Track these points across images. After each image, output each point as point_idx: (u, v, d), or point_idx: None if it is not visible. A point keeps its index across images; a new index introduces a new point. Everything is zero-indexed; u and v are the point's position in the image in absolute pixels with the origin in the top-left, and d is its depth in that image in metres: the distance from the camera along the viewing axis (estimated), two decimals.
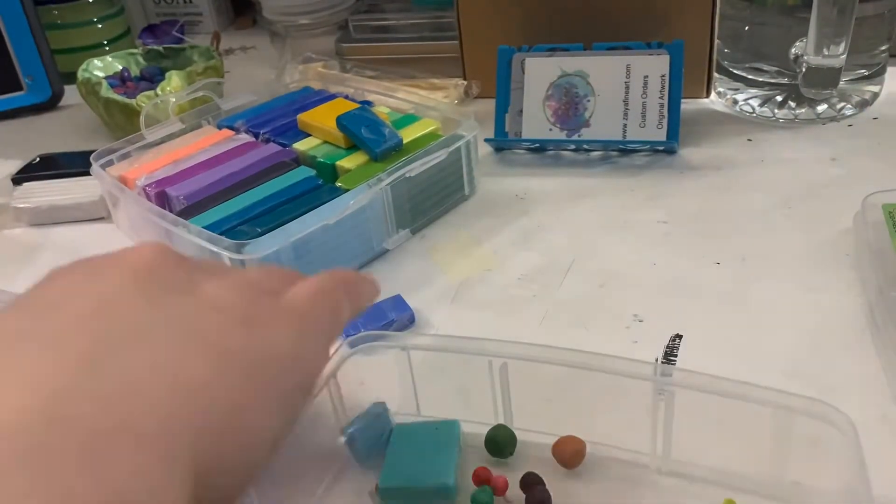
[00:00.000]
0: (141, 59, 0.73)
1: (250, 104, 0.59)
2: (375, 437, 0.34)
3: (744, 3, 0.58)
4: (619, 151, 0.57)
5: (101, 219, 0.56)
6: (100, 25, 0.83)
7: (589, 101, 0.56)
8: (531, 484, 0.31)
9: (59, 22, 0.81)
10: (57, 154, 0.64)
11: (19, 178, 0.60)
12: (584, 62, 0.57)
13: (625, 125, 0.56)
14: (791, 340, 0.39)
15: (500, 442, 0.33)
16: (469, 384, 0.35)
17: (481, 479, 0.32)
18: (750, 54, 0.60)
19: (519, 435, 0.34)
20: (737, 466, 0.31)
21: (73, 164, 0.61)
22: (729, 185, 0.52)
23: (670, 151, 0.56)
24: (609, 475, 0.33)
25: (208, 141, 0.54)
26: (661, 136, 0.55)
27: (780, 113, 0.60)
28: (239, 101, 0.59)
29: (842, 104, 0.59)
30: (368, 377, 0.36)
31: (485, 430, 0.34)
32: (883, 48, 0.59)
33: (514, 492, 0.32)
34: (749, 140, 0.58)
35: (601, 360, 0.31)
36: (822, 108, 0.59)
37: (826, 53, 0.53)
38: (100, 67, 0.70)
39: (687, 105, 0.57)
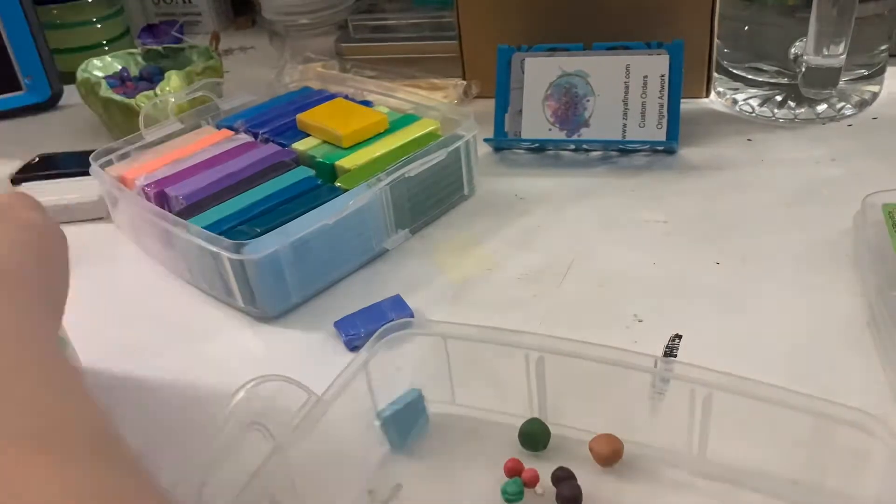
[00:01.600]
0: (140, 59, 0.73)
1: (249, 104, 0.59)
2: (410, 422, 0.34)
3: (744, 3, 0.58)
4: (619, 151, 0.57)
5: (100, 219, 0.56)
6: (99, 25, 0.83)
7: (588, 101, 0.56)
8: (562, 478, 0.31)
9: (58, 22, 0.81)
10: (56, 154, 0.64)
11: (18, 179, 0.60)
12: (584, 62, 0.57)
13: (624, 125, 0.56)
14: (791, 340, 0.39)
15: (534, 435, 0.33)
16: (505, 376, 0.35)
17: (513, 470, 0.32)
18: (750, 54, 0.60)
19: (553, 430, 0.34)
20: (774, 471, 0.31)
21: (72, 164, 0.61)
22: (729, 185, 0.52)
23: (670, 151, 0.56)
24: (641, 474, 0.33)
25: (208, 141, 0.54)
26: (660, 136, 0.55)
27: (779, 113, 0.60)
28: (238, 101, 0.59)
29: (842, 104, 0.59)
30: (405, 364, 0.35)
31: (519, 423, 0.34)
32: (883, 48, 0.59)
33: (546, 486, 0.32)
34: (749, 140, 0.58)
35: (639, 359, 0.31)
36: (821, 108, 0.59)
37: (826, 53, 0.53)
38: (99, 67, 0.70)
39: (687, 105, 0.57)
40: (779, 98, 0.59)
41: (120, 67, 0.72)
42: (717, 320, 0.40)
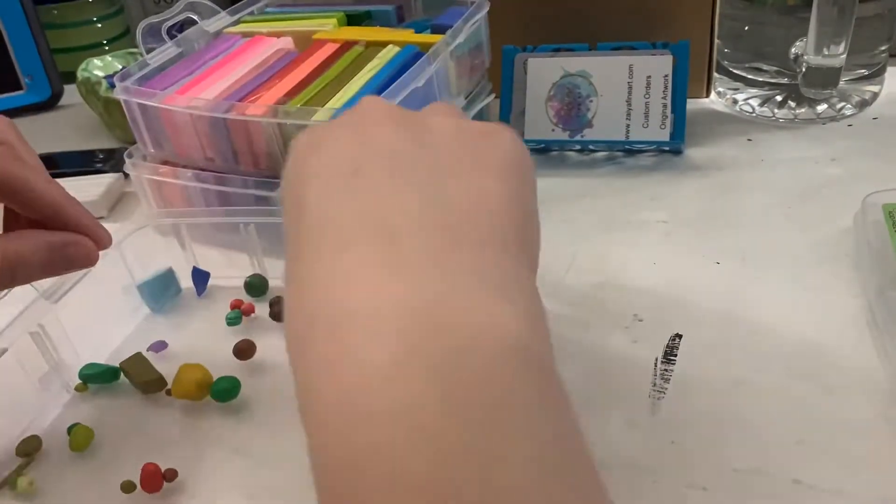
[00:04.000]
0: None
1: None
2: (162, 289, 0.46)
3: (744, 3, 0.58)
4: (625, 152, 0.57)
5: (100, 218, 0.56)
6: (99, 25, 0.83)
7: (591, 101, 0.56)
8: (275, 303, 0.44)
9: (58, 21, 0.81)
10: (56, 153, 0.64)
11: None
12: (587, 62, 0.57)
13: (628, 125, 0.56)
14: (791, 340, 0.39)
15: (256, 286, 0.45)
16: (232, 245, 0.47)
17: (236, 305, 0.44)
18: (750, 54, 0.60)
19: (271, 282, 0.46)
20: None
21: (72, 164, 0.61)
22: (729, 185, 0.52)
23: (676, 152, 0.56)
24: None
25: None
26: (663, 136, 0.55)
27: (780, 113, 0.60)
28: None
29: (842, 104, 0.59)
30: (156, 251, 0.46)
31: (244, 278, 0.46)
32: (883, 48, 0.59)
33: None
34: (749, 140, 0.58)
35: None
36: (822, 108, 0.59)
37: (826, 53, 0.53)
38: (99, 67, 0.70)
39: (687, 105, 0.57)
40: (779, 98, 0.59)
41: (120, 67, 0.71)
42: (717, 320, 0.40)
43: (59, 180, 0.58)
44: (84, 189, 0.57)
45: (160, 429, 0.38)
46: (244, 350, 0.40)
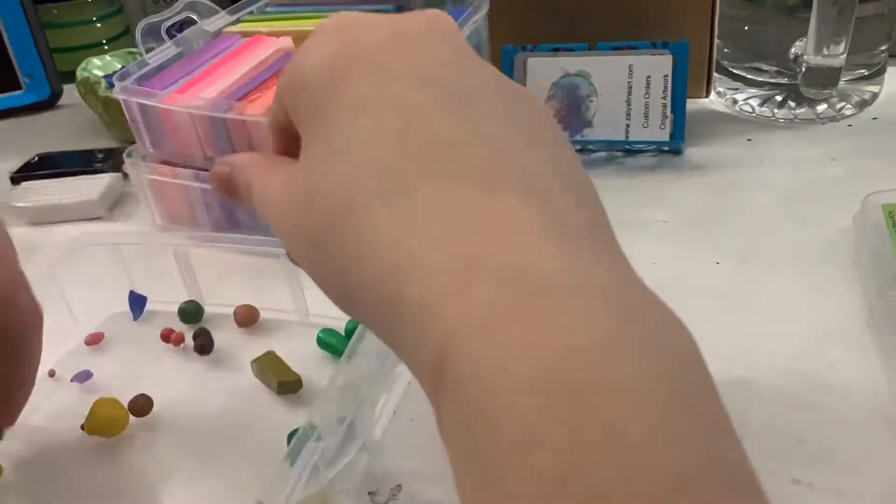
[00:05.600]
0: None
1: None
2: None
3: (744, 3, 0.58)
4: (625, 152, 0.57)
5: (99, 218, 0.56)
6: (99, 24, 0.83)
7: (591, 101, 0.56)
8: (199, 335, 0.42)
9: (58, 21, 0.81)
10: (56, 153, 0.64)
11: (18, 178, 0.60)
12: (587, 62, 0.57)
13: (627, 125, 0.56)
14: (791, 340, 0.38)
15: (189, 312, 0.44)
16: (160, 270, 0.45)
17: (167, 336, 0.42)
18: (750, 54, 0.60)
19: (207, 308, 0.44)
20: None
21: (71, 164, 0.61)
22: (729, 184, 0.52)
23: (676, 152, 0.56)
24: (272, 330, 0.43)
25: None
26: (663, 136, 0.55)
27: (779, 113, 0.60)
28: None
29: (841, 104, 0.59)
30: None
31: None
32: (883, 48, 0.59)
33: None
34: (749, 140, 0.58)
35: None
36: (821, 108, 0.59)
37: (826, 53, 0.53)
38: (99, 66, 0.70)
39: (687, 105, 0.57)
40: (779, 98, 0.59)
41: (120, 67, 0.71)
42: (717, 320, 0.40)
43: (59, 180, 0.59)
44: (83, 189, 0.57)
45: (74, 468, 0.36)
46: (141, 407, 0.37)
